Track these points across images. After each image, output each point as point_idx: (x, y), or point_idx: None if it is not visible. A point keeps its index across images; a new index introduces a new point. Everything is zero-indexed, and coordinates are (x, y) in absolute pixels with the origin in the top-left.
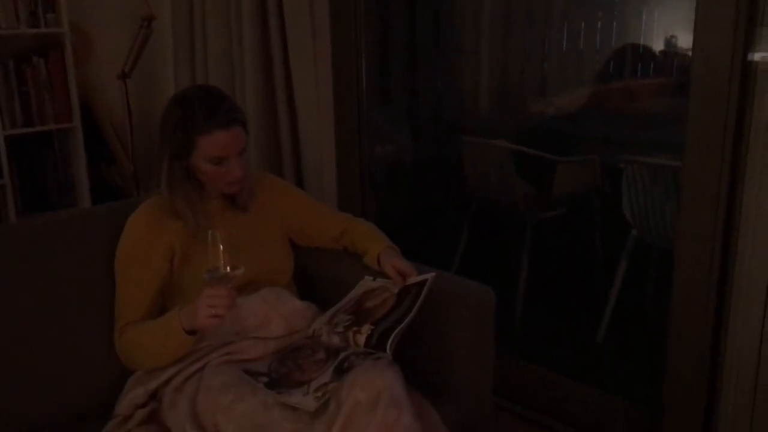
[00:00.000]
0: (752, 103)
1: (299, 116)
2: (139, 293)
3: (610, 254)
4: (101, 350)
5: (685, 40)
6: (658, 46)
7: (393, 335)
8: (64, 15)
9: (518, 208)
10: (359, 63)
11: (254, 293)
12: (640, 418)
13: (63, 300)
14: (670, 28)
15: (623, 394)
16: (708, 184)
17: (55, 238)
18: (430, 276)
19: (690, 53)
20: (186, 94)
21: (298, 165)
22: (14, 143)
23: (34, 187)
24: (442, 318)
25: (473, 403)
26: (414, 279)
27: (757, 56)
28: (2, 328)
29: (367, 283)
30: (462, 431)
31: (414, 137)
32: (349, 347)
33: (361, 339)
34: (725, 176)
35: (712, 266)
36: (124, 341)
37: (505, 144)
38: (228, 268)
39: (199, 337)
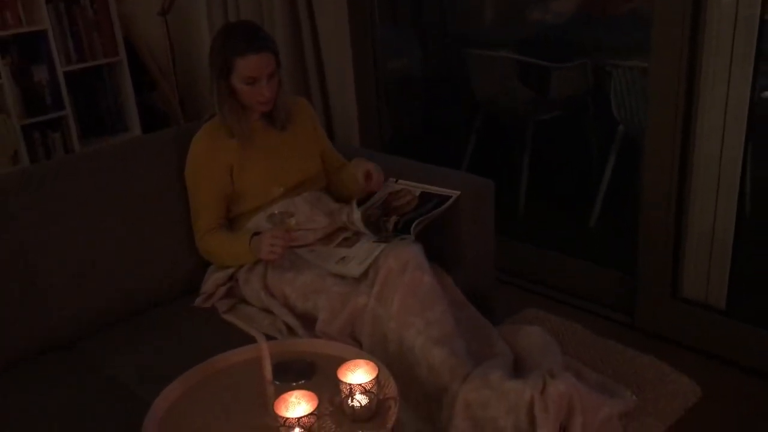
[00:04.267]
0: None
1: (321, 42)
2: (209, 202)
3: (601, 149)
4: (187, 245)
5: None
6: None
7: (415, 223)
8: None
9: (520, 112)
10: None
11: (298, 196)
12: (621, 283)
13: (149, 208)
14: None
15: (608, 266)
16: (669, 80)
17: (133, 158)
18: (455, 194)
19: None
20: (228, 25)
21: (323, 84)
22: (71, 78)
23: (90, 116)
24: (453, 205)
25: (478, 271)
26: (440, 190)
27: None
28: (111, 237)
29: (391, 184)
30: (470, 293)
31: (423, 51)
32: (380, 232)
33: (390, 224)
34: (684, 72)
35: (674, 148)
36: (204, 245)
37: (507, 54)
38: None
39: None
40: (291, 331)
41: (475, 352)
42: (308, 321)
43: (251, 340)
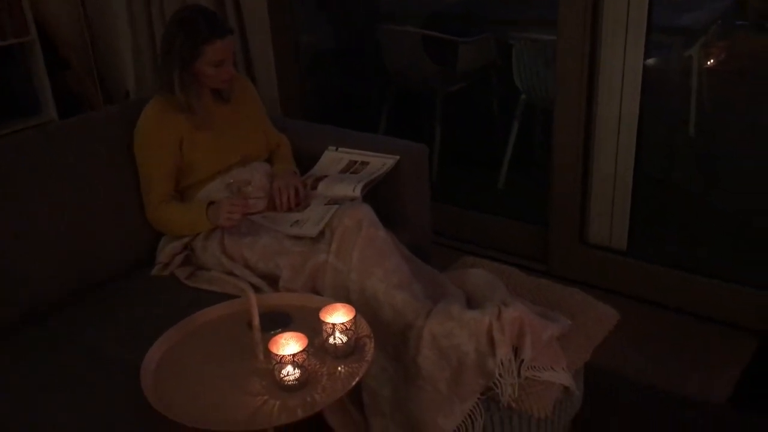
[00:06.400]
0: None
1: (245, 17)
2: (161, 175)
3: (505, 117)
4: (138, 219)
5: None
6: None
7: (362, 185)
8: None
9: (429, 84)
10: None
11: (246, 166)
12: (534, 234)
13: (102, 183)
14: None
15: (520, 219)
16: (574, 50)
17: (82, 135)
18: (394, 158)
19: None
20: (185, 15)
21: (248, 61)
22: None
23: (1, 99)
24: (392, 168)
25: (417, 228)
26: (379, 156)
27: None
28: (66, 213)
29: (331, 153)
30: (411, 249)
31: (337, 25)
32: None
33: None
34: (587, 42)
35: (580, 110)
36: (158, 216)
37: (414, 29)
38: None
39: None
40: (256, 290)
41: (431, 295)
42: (271, 281)
43: (219, 300)
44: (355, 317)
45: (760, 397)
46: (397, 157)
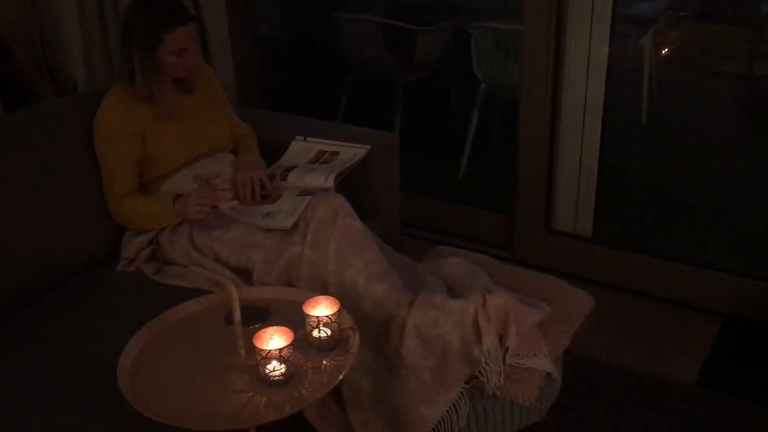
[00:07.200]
0: None
1: (203, 9)
2: (124, 168)
3: (465, 106)
4: (99, 213)
5: None
6: None
7: (334, 175)
8: None
9: (387, 74)
10: None
11: (211, 157)
12: (499, 222)
13: (58, 178)
14: None
15: (484, 208)
16: (540, 39)
17: (41, 127)
18: (366, 147)
19: None
20: (145, 0)
21: (206, 50)
22: None
23: None
24: (364, 156)
25: (387, 219)
26: (350, 145)
27: None
28: (25, 206)
29: (299, 143)
30: (382, 239)
31: (296, 15)
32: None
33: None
34: (553, 32)
35: (546, 99)
36: (121, 210)
37: (371, 17)
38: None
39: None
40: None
41: (410, 285)
42: (243, 274)
43: (190, 295)
44: (339, 310)
45: (725, 377)
46: (369, 147)
